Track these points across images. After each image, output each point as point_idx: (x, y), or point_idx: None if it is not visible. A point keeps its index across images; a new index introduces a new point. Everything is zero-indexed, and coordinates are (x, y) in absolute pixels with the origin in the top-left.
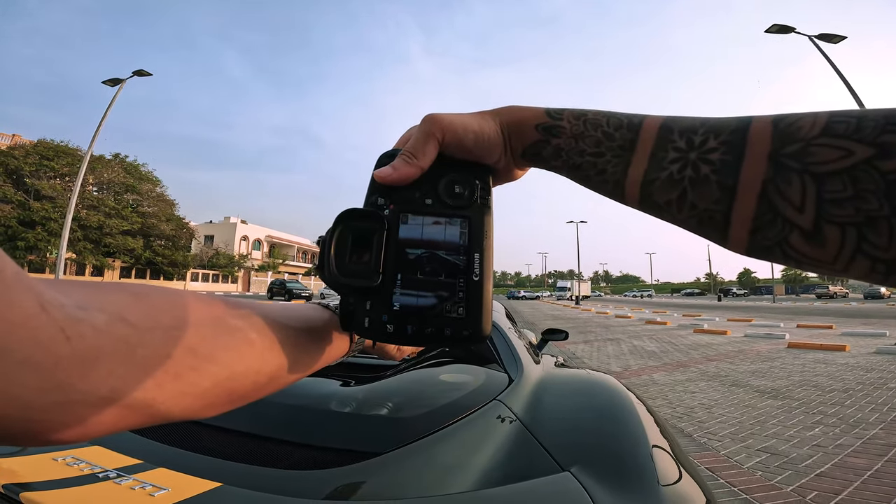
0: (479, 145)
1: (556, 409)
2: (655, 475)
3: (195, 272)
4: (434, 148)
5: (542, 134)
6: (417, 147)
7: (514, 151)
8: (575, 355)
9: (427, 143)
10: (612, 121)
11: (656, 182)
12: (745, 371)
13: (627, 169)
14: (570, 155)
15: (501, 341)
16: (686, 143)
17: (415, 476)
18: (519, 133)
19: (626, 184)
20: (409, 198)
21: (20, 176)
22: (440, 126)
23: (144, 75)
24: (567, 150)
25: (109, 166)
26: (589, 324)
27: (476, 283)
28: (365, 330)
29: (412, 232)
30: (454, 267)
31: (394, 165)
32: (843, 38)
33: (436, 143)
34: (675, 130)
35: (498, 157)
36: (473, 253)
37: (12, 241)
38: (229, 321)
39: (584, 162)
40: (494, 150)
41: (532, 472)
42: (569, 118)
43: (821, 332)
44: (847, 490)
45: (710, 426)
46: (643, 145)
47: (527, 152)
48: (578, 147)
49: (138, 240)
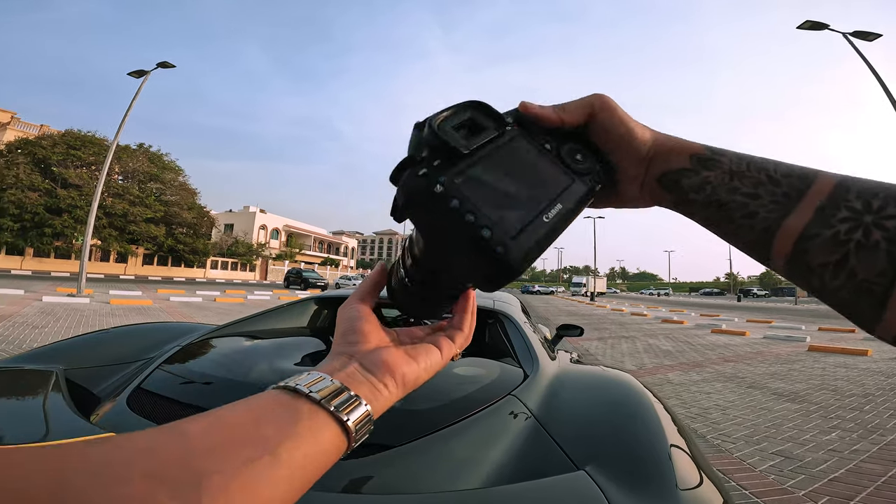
0: (625, 143)
1: (571, 406)
2: (674, 478)
3: (215, 260)
4: (583, 113)
5: (693, 164)
6: (570, 105)
7: (651, 172)
8: (589, 352)
9: (580, 106)
10: (781, 168)
11: (816, 239)
12: (763, 373)
13: (785, 217)
14: (717, 190)
15: (517, 335)
16: (862, 205)
17: (428, 470)
18: (667, 156)
19: (777, 233)
20: (535, 133)
21: (48, 165)
22: (601, 101)
23: (168, 67)
24: (717, 184)
25: (134, 156)
26: (604, 321)
27: (543, 223)
28: (415, 177)
29: (518, 153)
30: (534, 199)
31: (541, 105)
32: (878, 36)
33: (589, 110)
34: (853, 190)
35: (631, 166)
36: (556, 202)
37: (39, 227)
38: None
39: (732, 200)
40: (632, 157)
41: (546, 469)
42: (731, 156)
43: (843, 335)
44: (860, 496)
45: (725, 428)
46: (812, 197)
47: (665, 177)
48: (731, 184)
49: (161, 227)
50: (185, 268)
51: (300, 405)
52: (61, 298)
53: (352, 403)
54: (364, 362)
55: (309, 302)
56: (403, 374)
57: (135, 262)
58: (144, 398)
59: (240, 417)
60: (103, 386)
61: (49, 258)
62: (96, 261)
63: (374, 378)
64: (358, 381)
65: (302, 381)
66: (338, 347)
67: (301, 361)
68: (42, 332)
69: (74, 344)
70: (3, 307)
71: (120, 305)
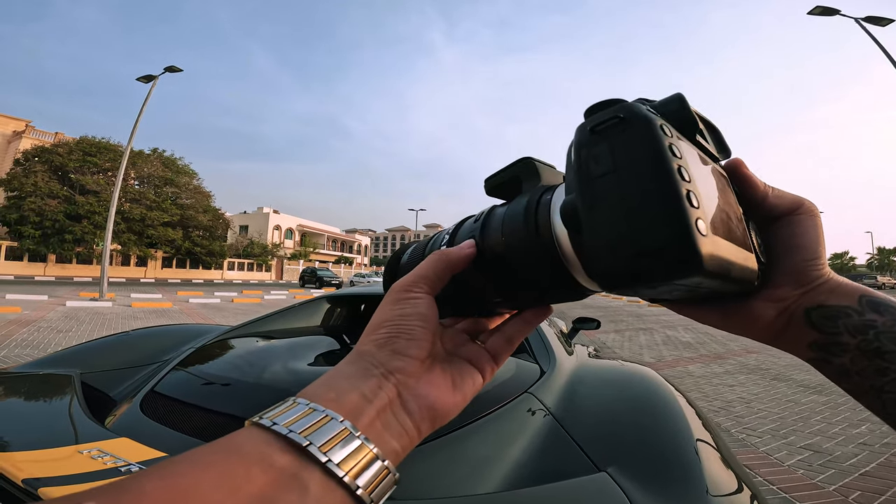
0: (802, 258)
1: (590, 403)
2: (704, 482)
3: (231, 261)
4: (790, 206)
5: (861, 304)
6: (782, 192)
7: (803, 301)
8: (606, 345)
9: (791, 199)
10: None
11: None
12: (788, 364)
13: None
14: (881, 336)
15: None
16: None
17: (443, 472)
18: (832, 290)
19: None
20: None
21: (65, 172)
22: (810, 207)
23: (176, 71)
24: (883, 331)
25: (149, 161)
26: (620, 312)
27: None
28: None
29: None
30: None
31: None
32: (891, 21)
33: (796, 207)
34: None
35: (789, 285)
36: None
37: (60, 234)
38: None
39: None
40: (798, 278)
41: (565, 470)
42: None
43: None
44: (892, 490)
45: (750, 421)
46: None
47: (819, 312)
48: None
49: (178, 231)
50: (203, 269)
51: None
52: (84, 303)
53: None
54: (406, 394)
55: (322, 301)
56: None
57: (154, 265)
58: (158, 401)
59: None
60: (119, 389)
61: (71, 264)
62: (117, 265)
63: (409, 423)
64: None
65: (314, 433)
66: (378, 355)
67: (315, 361)
68: (66, 336)
69: (92, 347)
70: (28, 312)
71: (141, 308)
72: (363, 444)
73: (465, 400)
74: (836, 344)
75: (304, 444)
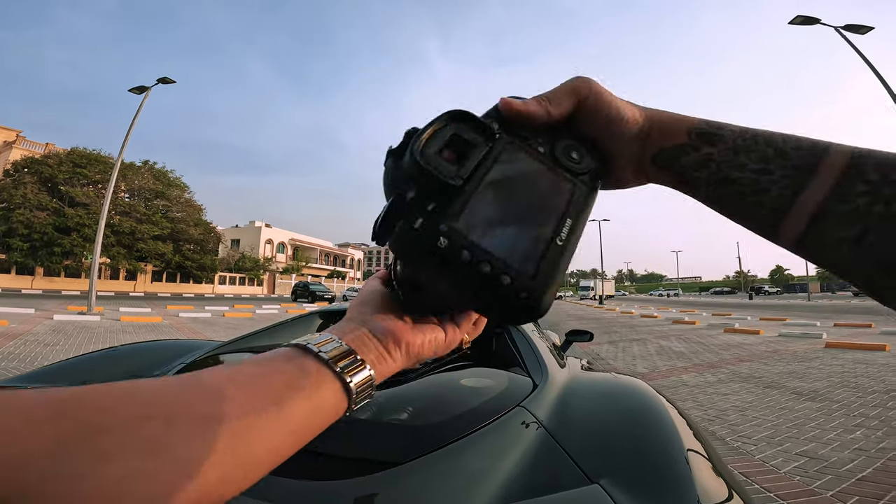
0: (615, 125)
1: (583, 416)
2: (695, 492)
3: (223, 275)
4: (571, 102)
5: (692, 139)
6: (556, 94)
7: (647, 151)
8: (599, 356)
9: (567, 95)
10: (790, 140)
11: (832, 215)
12: (781, 372)
13: (800, 193)
14: (722, 167)
15: (524, 343)
16: (880, 177)
17: (435, 488)
18: (663, 132)
19: (791, 211)
20: (524, 136)
21: (55, 183)
22: (588, 85)
23: (169, 83)
24: (721, 161)
25: (140, 173)
26: (613, 324)
27: (557, 246)
28: (410, 232)
29: (513, 166)
30: (542, 220)
31: (524, 100)
32: (870, 29)
33: (576, 98)
34: (869, 162)
35: (625, 149)
36: (567, 217)
37: (49, 246)
38: (100, 444)
39: (742, 178)
40: (624, 139)
41: (558, 483)
42: (733, 130)
43: (859, 330)
44: (890, 495)
45: (744, 429)
46: (828, 170)
47: (662, 155)
48: (738, 160)
49: (168, 244)
50: (194, 284)
51: (308, 363)
52: (72, 316)
53: (357, 367)
54: (373, 330)
55: (314, 316)
56: (408, 343)
57: (144, 279)
58: None
59: (254, 369)
60: None
61: (59, 277)
62: (106, 279)
63: (380, 346)
64: (366, 346)
65: (313, 340)
66: (351, 313)
67: None
68: (54, 350)
69: (79, 363)
70: (14, 326)
71: (130, 322)
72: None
73: (430, 342)
74: (691, 179)
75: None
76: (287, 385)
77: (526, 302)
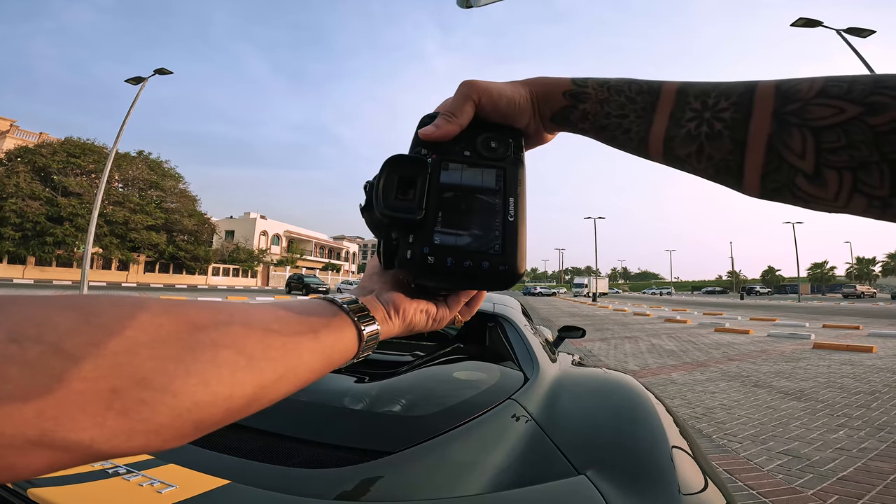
0: (511, 109)
1: (572, 410)
2: (676, 482)
3: (216, 266)
4: (471, 108)
5: (569, 100)
6: (456, 107)
7: (544, 116)
8: (591, 353)
9: (465, 104)
10: (634, 86)
11: (676, 138)
12: (768, 371)
13: (650, 128)
14: (596, 118)
15: (517, 338)
16: (701, 104)
17: (427, 476)
18: (547, 100)
19: (649, 140)
20: (450, 150)
21: (48, 173)
22: (476, 89)
23: (165, 73)
24: (593, 113)
25: (134, 163)
26: (606, 321)
27: (511, 223)
28: (407, 262)
29: (452, 177)
30: (490, 208)
31: (436, 124)
32: (872, 32)
33: (472, 104)
34: (691, 94)
35: (528, 121)
36: (508, 197)
37: (41, 236)
38: (197, 337)
39: (610, 123)
40: (524, 115)
41: (546, 474)
42: (593, 86)
43: (847, 332)
44: (869, 494)
45: (731, 427)
46: (663, 107)
47: (556, 117)
48: (604, 111)
49: (162, 235)
50: (187, 275)
51: (335, 310)
52: None
53: (368, 321)
54: (379, 296)
55: None
56: (405, 310)
57: (136, 269)
58: None
59: (299, 306)
60: None
61: (51, 267)
62: (98, 269)
63: (384, 309)
64: (374, 307)
65: (338, 296)
66: (363, 283)
67: None
68: None
69: None
70: None
71: None
72: (366, 310)
73: (424, 311)
74: (580, 129)
75: (340, 304)
76: (321, 321)
77: (506, 271)
